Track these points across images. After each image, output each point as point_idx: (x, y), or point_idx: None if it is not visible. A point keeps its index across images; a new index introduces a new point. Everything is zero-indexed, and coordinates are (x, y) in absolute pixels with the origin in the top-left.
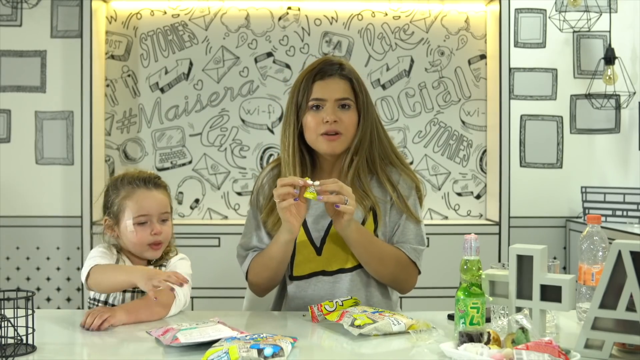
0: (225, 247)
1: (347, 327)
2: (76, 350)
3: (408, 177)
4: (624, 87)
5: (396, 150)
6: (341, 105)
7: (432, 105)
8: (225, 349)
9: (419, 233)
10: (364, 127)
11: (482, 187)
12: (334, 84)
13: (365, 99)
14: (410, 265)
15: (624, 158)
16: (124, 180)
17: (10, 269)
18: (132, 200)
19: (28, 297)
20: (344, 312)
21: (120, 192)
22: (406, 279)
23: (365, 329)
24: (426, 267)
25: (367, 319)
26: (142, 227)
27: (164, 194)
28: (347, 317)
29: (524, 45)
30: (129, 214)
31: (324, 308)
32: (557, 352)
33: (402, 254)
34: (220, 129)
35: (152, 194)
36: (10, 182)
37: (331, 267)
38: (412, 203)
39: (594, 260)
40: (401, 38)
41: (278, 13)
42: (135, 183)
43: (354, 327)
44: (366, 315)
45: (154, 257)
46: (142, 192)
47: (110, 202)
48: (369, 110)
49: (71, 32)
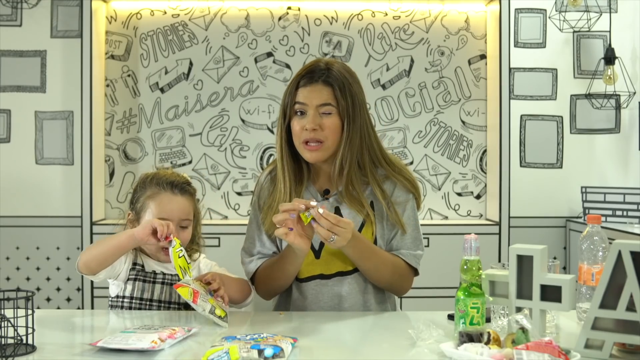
0: (225, 247)
1: (209, 316)
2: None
3: (404, 186)
4: (624, 87)
5: (387, 155)
6: (323, 112)
7: (432, 105)
8: (226, 349)
9: (417, 237)
10: (348, 133)
11: (482, 187)
12: (316, 90)
13: (350, 105)
14: (408, 270)
15: (624, 158)
16: (152, 180)
17: (10, 269)
18: (155, 202)
19: (28, 297)
20: (195, 292)
21: (146, 190)
22: (402, 284)
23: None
24: (426, 267)
25: (221, 310)
26: None
27: (189, 200)
28: (202, 300)
29: (524, 45)
30: (150, 214)
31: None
32: (557, 352)
33: (400, 261)
34: (220, 129)
35: (176, 199)
36: (10, 182)
37: (330, 271)
38: (408, 211)
39: (594, 260)
40: (401, 38)
41: (278, 13)
42: (162, 185)
43: (216, 316)
44: (217, 305)
45: (167, 261)
46: (166, 195)
47: (136, 198)
48: (355, 116)
49: (71, 32)
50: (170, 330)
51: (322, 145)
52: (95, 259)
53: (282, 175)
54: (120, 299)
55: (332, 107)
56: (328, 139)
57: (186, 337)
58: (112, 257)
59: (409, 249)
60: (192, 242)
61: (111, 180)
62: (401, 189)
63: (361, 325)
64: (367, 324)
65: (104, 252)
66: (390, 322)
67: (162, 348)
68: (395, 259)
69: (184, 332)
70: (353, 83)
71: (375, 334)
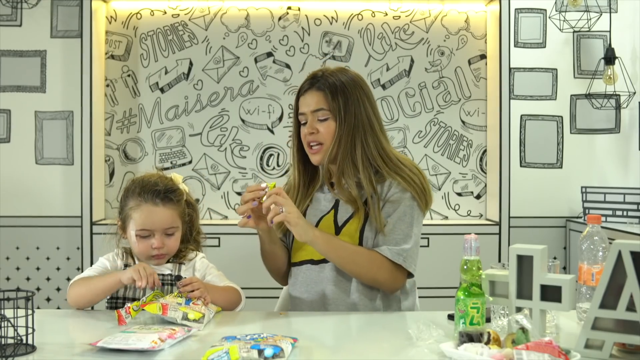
0: (225, 247)
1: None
2: (76, 351)
3: (399, 184)
4: (624, 87)
5: (387, 153)
6: (319, 117)
7: (432, 105)
8: (226, 349)
9: (407, 233)
10: (339, 133)
11: (482, 187)
12: (309, 97)
13: (341, 107)
14: (390, 266)
15: (624, 158)
16: (135, 190)
17: (10, 269)
18: (137, 213)
19: (28, 297)
20: (164, 305)
21: (129, 201)
22: (387, 279)
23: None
24: (426, 267)
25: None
26: (145, 240)
27: (172, 208)
28: (173, 310)
29: (524, 45)
30: (133, 225)
31: (131, 309)
32: (557, 352)
33: (378, 255)
34: (220, 129)
35: (158, 210)
36: (10, 182)
37: (318, 256)
38: (402, 207)
39: (594, 260)
40: (401, 38)
41: (278, 13)
42: (144, 197)
43: (190, 320)
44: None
45: (158, 265)
46: (148, 207)
47: (121, 207)
48: (346, 117)
49: (71, 32)
50: (170, 330)
51: (321, 148)
52: (83, 298)
53: (294, 177)
54: (114, 300)
55: (326, 111)
56: (326, 141)
57: (186, 337)
58: (99, 297)
59: (398, 243)
60: (187, 242)
61: (111, 180)
62: (397, 187)
63: (361, 325)
64: (367, 324)
65: (91, 293)
66: (390, 322)
67: (162, 348)
68: (372, 254)
69: (184, 332)
70: (348, 86)
71: (375, 334)
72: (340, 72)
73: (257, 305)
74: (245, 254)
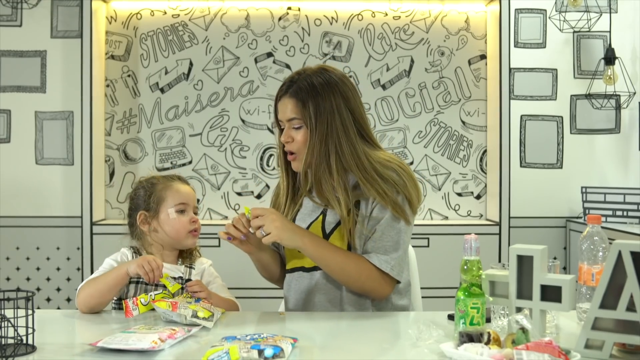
0: (225, 247)
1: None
2: (76, 351)
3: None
4: (624, 87)
5: (363, 162)
6: (293, 126)
7: (432, 106)
8: (226, 349)
9: (397, 241)
10: (312, 142)
11: (482, 187)
12: (284, 104)
13: (311, 115)
14: (379, 274)
15: (624, 158)
16: (158, 177)
17: (10, 269)
18: (172, 190)
19: (28, 297)
20: (174, 303)
21: (157, 185)
22: (374, 287)
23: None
24: (426, 267)
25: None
26: (182, 215)
27: (193, 189)
28: (183, 307)
29: (524, 45)
30: (170, 202)
31: (139, 301)
32: (557, 352)
33: (367, 264)
34: (220, 129)
35: (187, 187)
36: (10, 182)
37: (309, 264)
38: (388, 218)
39: (594, 261)
40: (401, 38)
41: (278, 13)
42: (170, 177)
43: (200, 318)
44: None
45: (193, 245)
46: (179, 184)
47: (146, 195)
48: (318, 125)
49: (71, 32)
50: (170, 330)
51: (297, 156)
52: (92, 298)
53: (281, 183)
54: (121, 302)
55: (299, 119)
56: (300, 150)
57: (186, 337)
58: (109, 294)
59: (387, 251)
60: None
61: (111, 180)
62: (377, 204)
63: (361, 326)
64: (367, 324)
65: (100, 291)
66: (390, 322)
67: (162, 348)
68: (360, 262)
69: (184, 332)
70: (322, 90)
71: (375, 334)
72: (316, 74)
73: (257, 305)
74: (244, 254)
